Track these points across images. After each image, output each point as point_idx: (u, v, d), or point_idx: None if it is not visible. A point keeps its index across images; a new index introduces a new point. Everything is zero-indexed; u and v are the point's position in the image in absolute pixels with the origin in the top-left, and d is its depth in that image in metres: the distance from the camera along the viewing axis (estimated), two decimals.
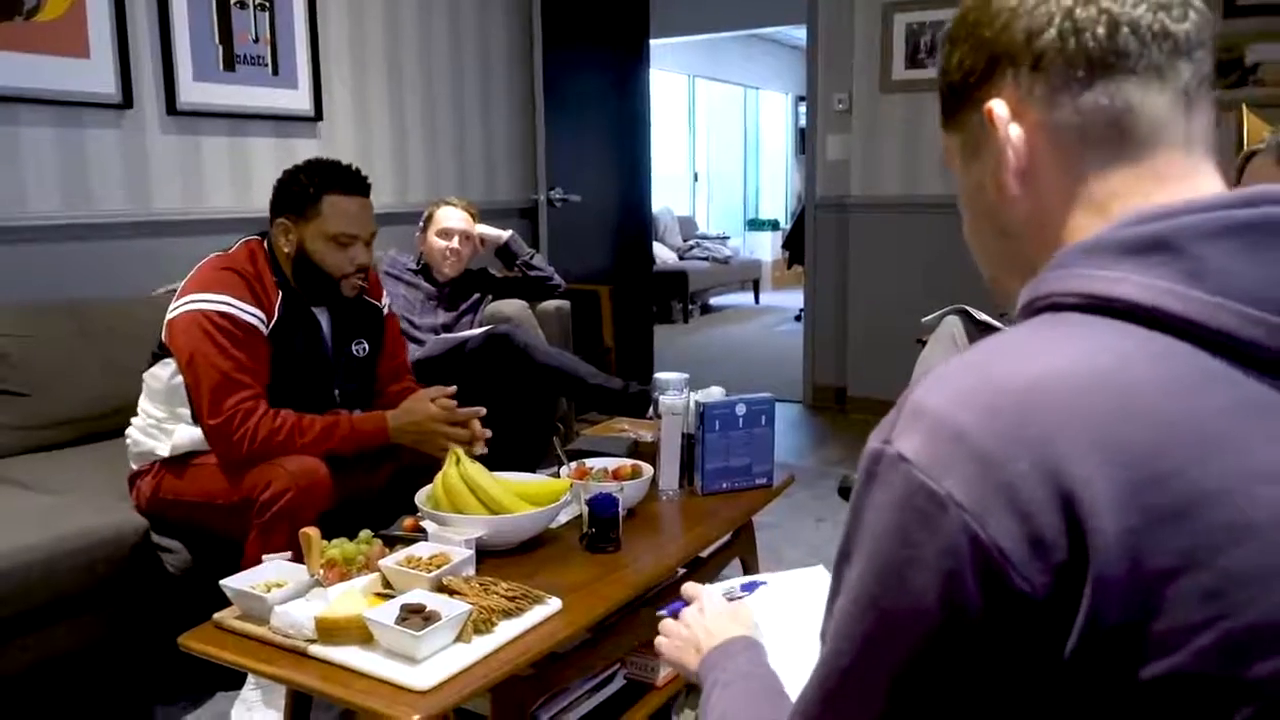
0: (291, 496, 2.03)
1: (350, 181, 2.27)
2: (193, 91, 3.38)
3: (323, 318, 2.36)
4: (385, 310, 2.54)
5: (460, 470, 1.93)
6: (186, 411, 2.20)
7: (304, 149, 3.72)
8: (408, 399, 2.31)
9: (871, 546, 0.64)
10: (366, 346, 2.44)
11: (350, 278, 2.29)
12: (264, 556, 1.83)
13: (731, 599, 1.14)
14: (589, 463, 2.27)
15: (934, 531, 0.60)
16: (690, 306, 8.93)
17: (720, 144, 11.32)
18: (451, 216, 3.52)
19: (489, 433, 2.29)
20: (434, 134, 4.39)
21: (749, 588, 1.22)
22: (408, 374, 2.60)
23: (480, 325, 3.52)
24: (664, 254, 9.18)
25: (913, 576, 0.61)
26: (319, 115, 3.83)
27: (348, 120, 4.00)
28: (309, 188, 2.24)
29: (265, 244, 2.30)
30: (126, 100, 3.20)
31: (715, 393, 2.45)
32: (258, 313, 2.19)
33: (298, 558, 1.79)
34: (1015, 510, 0.59)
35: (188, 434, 2.19)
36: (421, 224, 3.57)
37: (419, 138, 4.32)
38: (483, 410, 2.30)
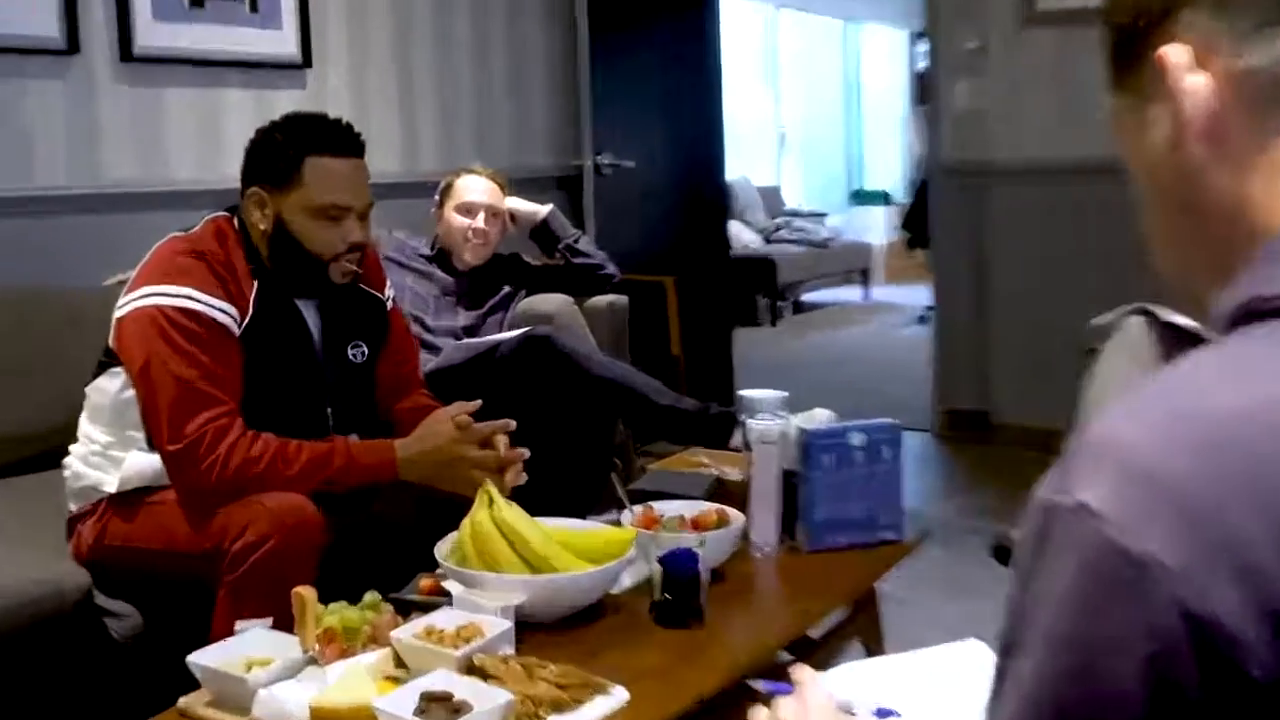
0: (274, 545, 2.03)
1: (339, 139, 2.29)
2: (152, 34, 3.43)
3: (309, 313, 2.37)
4: (389, 302, 2.55)
5: (493, 514, 1.92)
6: (139, 435, 2.21)
7: (288, 103, 3.75)
8: (422, 422, 2.30)
9: (1050, 629, 0.62)
10: (365, 350, 2.46)
11: (342, 260, 2.30)
12: (237, 624, 1.82)
13: (850, 715, 1.11)
14: (658, 507, 2.25)
15: (1135, 605, 0.59)
16: (779, 304, 8.92)
17: (813, 94, 11.31)
18: (475, 188, 3.53)
19: (525, 452, 2.28)
20: (451, 85, 4.42)
21: (884, 715, 1.19)
22: (420, 387, 2.61)
23: (512, 327, 3.52)
24: (744, 235, 9.16)
25: (1109, 666, 0.59)
26: (307, 62, 3.87)
27: (342, 68, 4.04)
28: (287, 148, 2.26)
29: (236, 221, 2.31)
30: (71, 45, 3.26)
31: (822, 417, 2.42)
32: (228, 308, 2.20)
33: (281, 624, 1.79)
34: (1241, 575, 0.57)
35: (140, 463, 2.21)
36: (437, 198, 3.59)
37: (432, 90, 4.35)
38: (511, 424, 2.30)
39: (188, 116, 3.58)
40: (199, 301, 2.16)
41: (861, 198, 11.44)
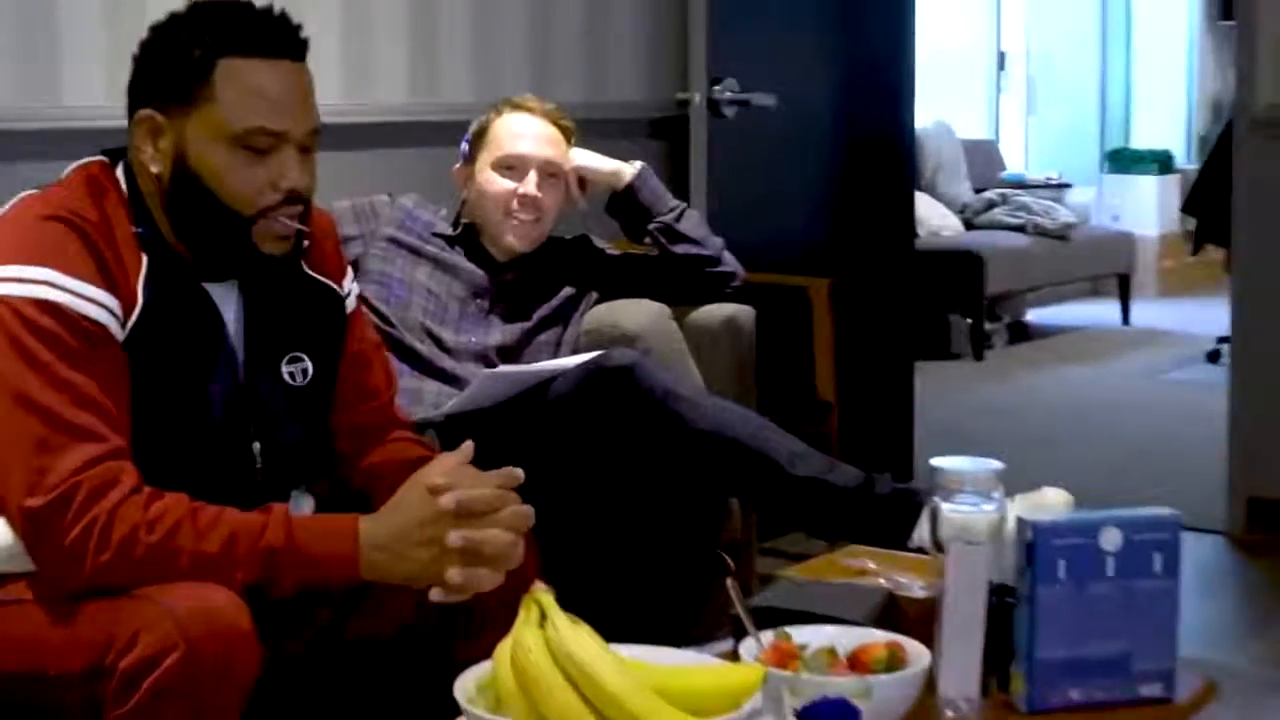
0: (178, 661, 2.05)
1: (267, 34, 2.33)
2: None
3: (226, 304, 2.42)
4: (349, 299, 2.60)
5: (548, 637, 1.95)
6: None
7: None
8: (401, 488, 2.34)
9: None
10: (310, 367, 2.50)
11: (274, 216, 2.34)
12: None
13: None
14: (796, 634, 2.26)
15: None
16: (989, 325, 8.89)
17: (1054, 3, 11.24)
18: (524, 132, 3.59)
19: (515, 473, 2.28)
20: None
21: None
22: (401, 427, 2.65)
23: (576, 350, 3.57)
24: (935, 216, 9.14)
25: None
26: None
27: None
28: (191, 47, 2.31)
29: (120, 170, 2.38)
30: None
31: (1055, 504, 2.42)
32: (105, 298, 2.24)
33: None
34: None
35: None
36: (465, 148, 3.66)
37: None
38: (518, 474, 2.29)
39: (91, 19, 3.66)
40: (64, 290, 2.20)
41: (1123, 162, 11.36)
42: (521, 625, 1.98)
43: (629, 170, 3.71)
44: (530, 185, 3.53)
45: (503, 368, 3.42)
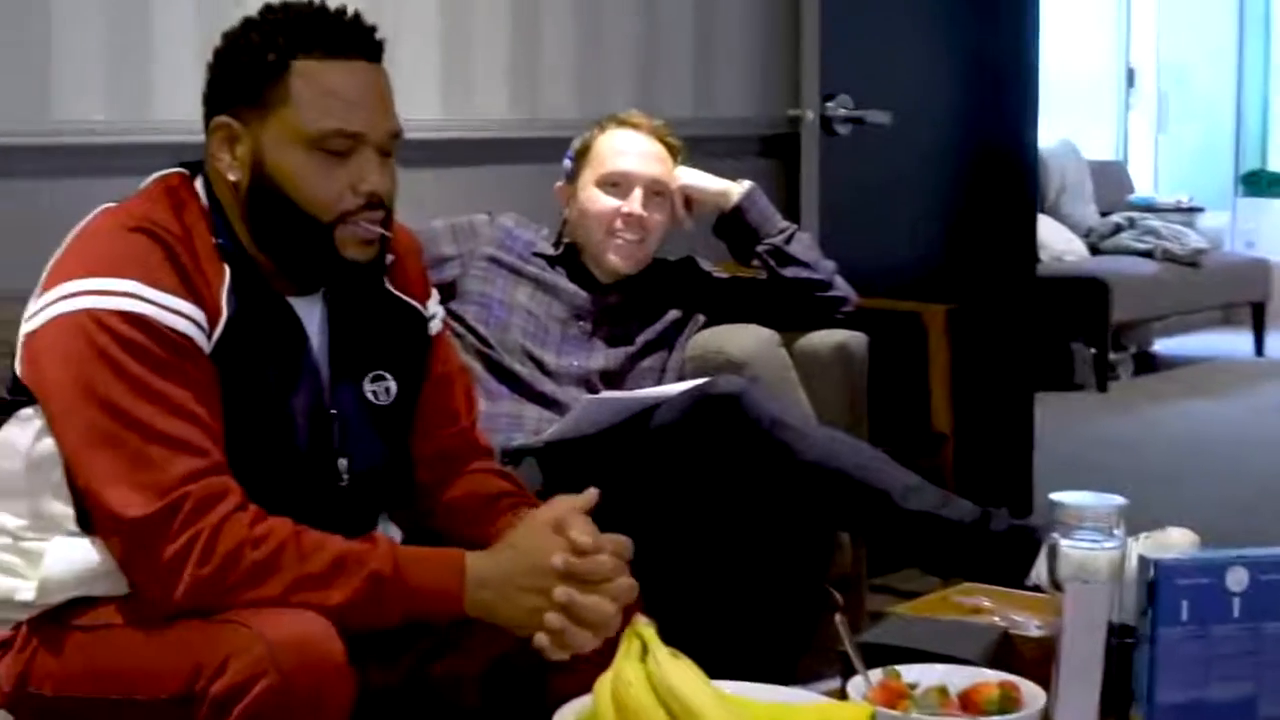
0: (268, 691, 2.07)
1: (342, 34, 2.36)
2: None
3: (310, 319, 2.45)
4: (434, 322, 2.62)
5: (650, 672, 1.96)
6: (65, 508, 2.29)
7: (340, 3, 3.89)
8: (519, 525, 2.36)
9: None
10: (393, 386, 2.52)
11: (355, 220, 2.37)
12: None
13: None
14: (906, 673, 2.27)
15: None
16: (1114, 355, 8.84)
17: (1183, 19, 11.16)
18: (630, 149, 3.62)
19: (627, 544, 2.30)
20: None
21: None
22: (485, 457, 2.67)
23: (681, 377, 3.59)
24: (1059, 240, 9.09)
25: None
26: None
27: None
28: (265, 50, 2.34)
29: (200, 182, 2.41)
30: None
31: (1180, 542, 2.41)
32: (191, 310, 2.27)
33: None
34: None
35: (70, 557, 2.28)
36: (568, 164, 3.69)
37: None
38: (627, 545, 2.30)
39: (187, 25, 3.72)
40: (149, 302, 2.23)
41: (1259, 184, 11.25)
42: (622, 658, 2.00)
43: (737, 190, 3.72)
44: (635, 203, 3.55)
45: (605, 393, 3.44)
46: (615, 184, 3.57)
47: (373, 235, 2.38)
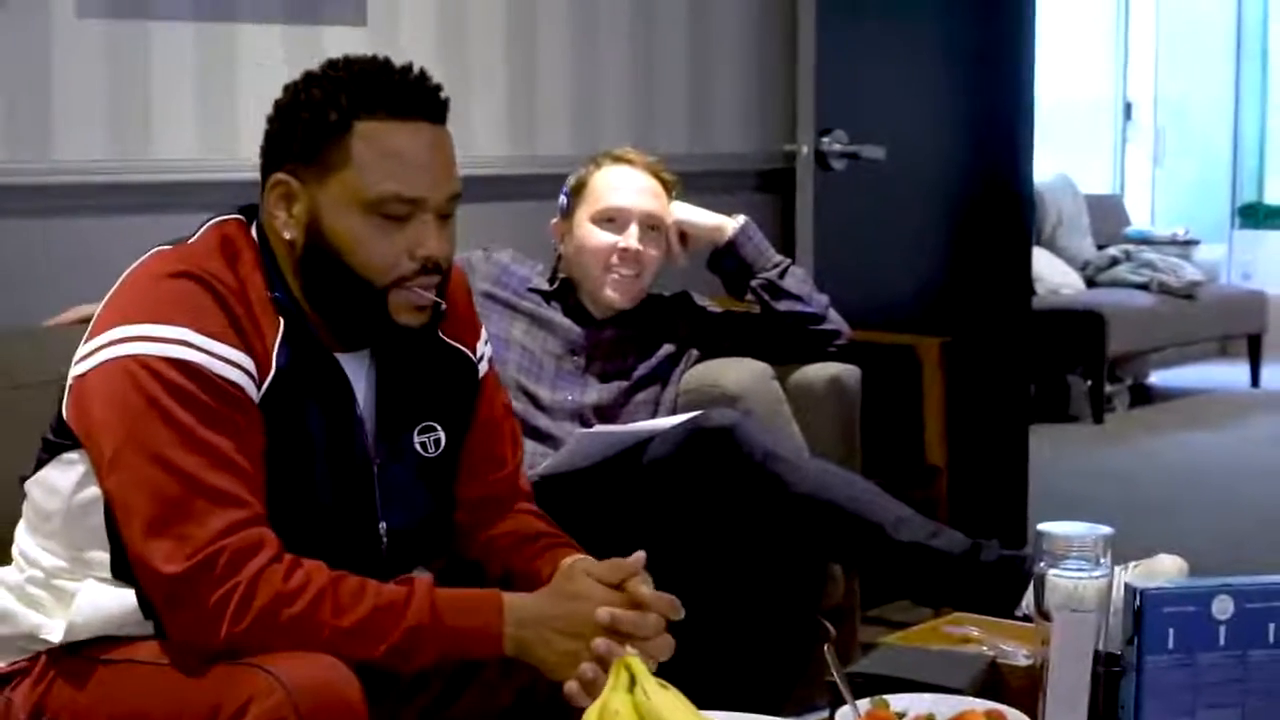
0: None
1: (407, 95, 2.35)
2: None
3: (357, 375, 2.44)
4: (482, 364, 2.62)
5: (638, 703, 1.96)
6: (103, 555, 2.30)
7: (338, 48, 3.89)
8: (564, 570, 2.36)
9: None
10: (443, 438, 2.52)
11: (410, 285, 2.35)
12: None
13: None
14: (895, 702, 2.28)
15: None
16: (1111, 387, 8.85)
17: (1180, 52, 11.18)
18: (625, 185, 3.63)
19: (677, 605, 2.32)
20: (589, 19, 4.55)
21: None
22: (525, 500, 2.67)
23: (674, 410, 3.60)
24: (1055, 273, 9.10)
25: None
26: None
27: (428, 2, 4.19)
28: (327, 109, 2.32)
29: (254, 230, 2.41)
30: None
31: (1168, 570, 2.42)
32: (242, 359, 2.27)
33: None
34: None
35: (99, 601, 2.29)
36: (563, 201, 3.70)
37: (559, 34, 4.48)
38: (676, 606, 2.33)
39: (186, 68, 3.75)
40: (200, 350, 2.22)
41: (1256, 217, 11.26)
42: (611, 689, 1.99)
43: (731, 225, 3.73)
44: (631, 238, 3.55)
45: (599, 427, 3.44)
46: (611, 219, 3.58)
47: (426, 302, 2.36)
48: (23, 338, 3.14)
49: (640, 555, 2.33)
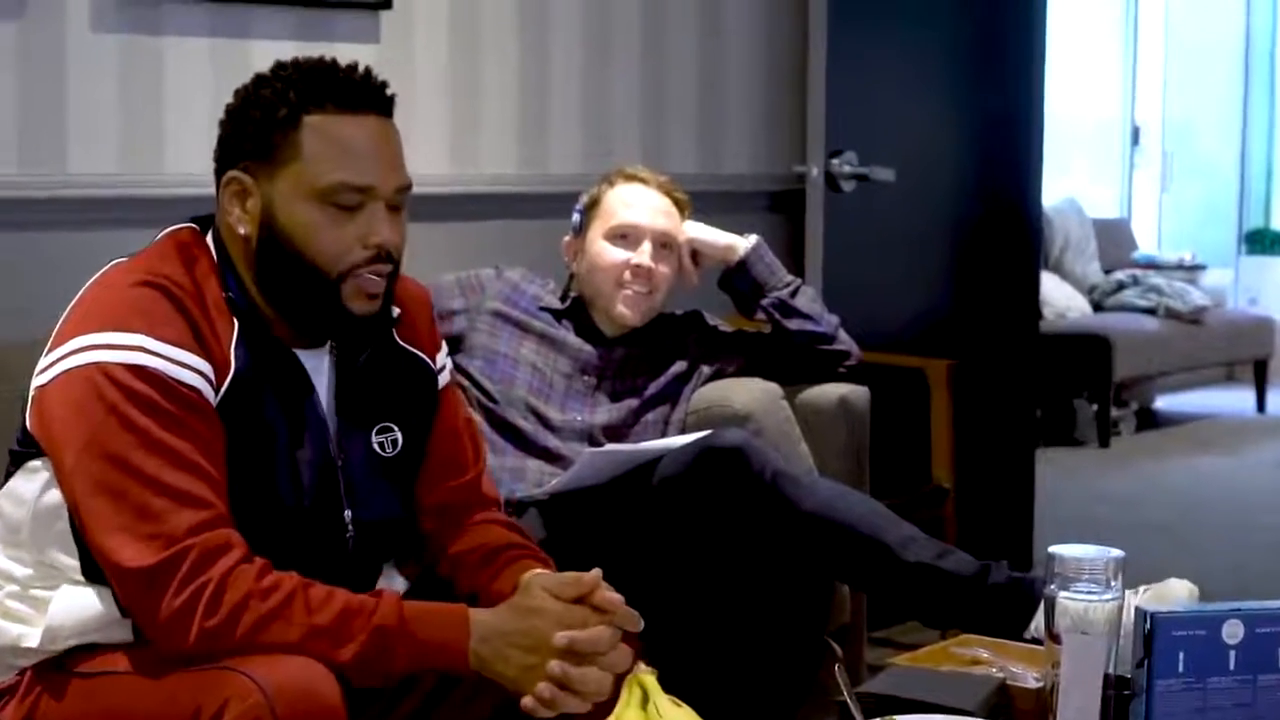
0: None
1: (353, 89, 2.38)
2: None
3: (318, 373, 2.46)
4: (442, 375, 2.63)
5: (649, 718, 1.97)
6: (71, 560, 2.30)
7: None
8: (524, 587, 2.36)
9: None
10: (399, 438, 2.53)
11: (360, 273, 2.37)
12: None
13: None
14: None
15: None
16: (1117, 411, 8.85)
17: (1189, 75, 11.18)
18: (638, 204, 3.64)
19: (637, 617, 2.32)
20: (602, 41, 4.56)
21: None
22: (492, 508, 2.67)
23: (684, 430, 3.60)
24: (1062, 296, 9.11)
25: None
26: (386, 1, 4.03)
27: (441, 15, 4.20)
28: (277, 105, 2.36)
29: (210, 237, 2.43)
30: None
31: (1179, 595, 2.42)
32: (199, 364, 2.28)
33: None
34: None
35: (75, 605, 2.30)
36: (576, 219, 3.71)
37: (571, 53, 4.49)
38: (635, 618, 2.32)
39: (204, 79, 3.75)
40: (157, 355, 2.24)
41: (1262, 243, 11.25)
42: (624, 706, 2.00)
43: (743, 244, 3.74)
44: (644, 256, 3.56)
45: (608, 446, 3.44)
46: (624, 236, 3.58)
47: (376, 289, 2.38)
48: (33, 350, 3.15)
49: (597, 572, 2.33)
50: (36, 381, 2.30)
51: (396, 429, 2.52)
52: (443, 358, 2.64)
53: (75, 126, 3.60)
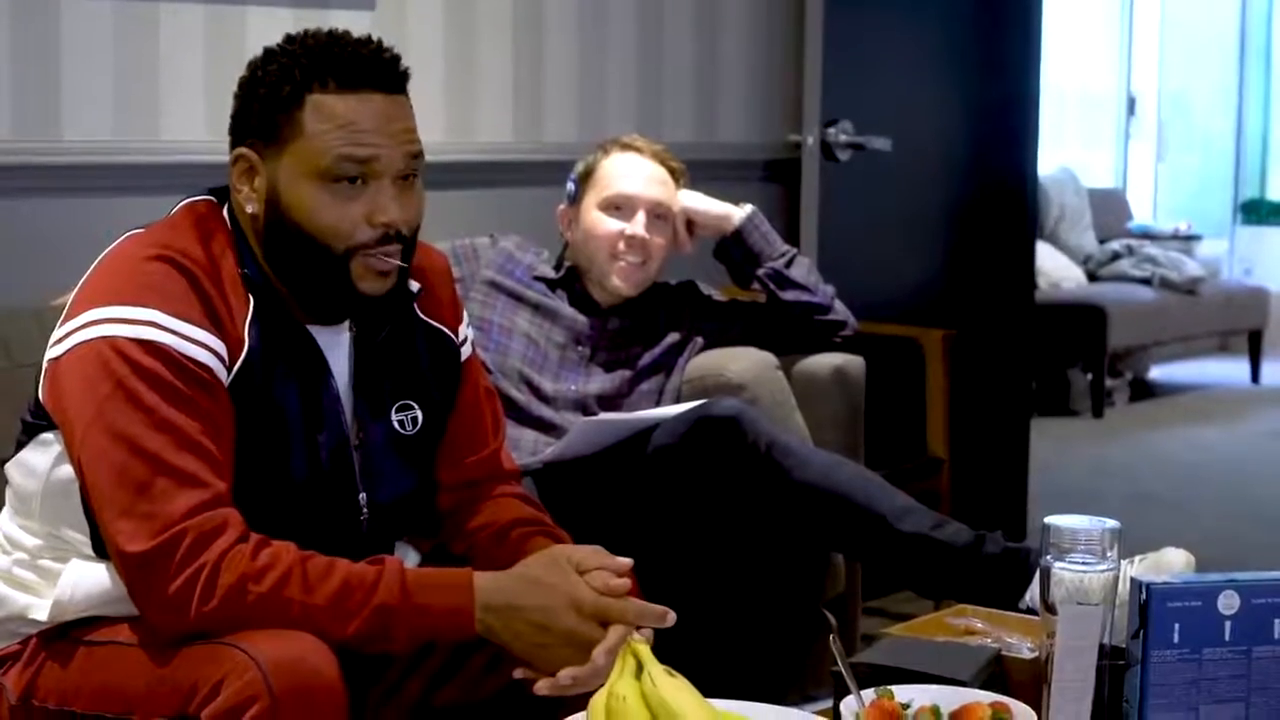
0: (261, 714, 2.08)
1: (358, 66, 2.34)
2: None
3: (334, 351, 2.44)
4: (465, 347, 2.61)
5: (644, 689, 1.97)
6: (79, 535, 2.31)
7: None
8: (533, 555, 2.36)
9: None
10: (419, 415, 2.51)
11: (370, 253, 2.34)
12: None
13: None
14: (900, 693, 2.27)
15: None
16: (1111, 381, 8.86)
17: (1183, 46, 11.18)
18: (633, 173, 3.63)
19: (669, 614, 2.32)
20: (596, 14, 4.55)
21: None
22: (511, 481, 2.66)
23: (678, 399, 3.60)
24: (1057, 267, 9.11)
25: None
26: None
27: None
28: (282, 84, 2.33)
29: (227, 210, 2.41)
30: None
31: (1174, 564, 2.42)
32: (212, 341, 2.27)
33: None
34: None
35: (85, 577, 2.30)
36: (570, 188, 3.70)
37: (566, 21, 4.48)
38: (627, 566, 2.34)
39: (195, 47, 3.74)
40: (169, 331, 2.22)
41: (1258, 213, 11.26)
42: (617, 675, 1.99)
43: (738, 214, 3.73)
44: (638, 225, 3.55)
45: (602, 415, 3.45)
46: (619, 206, 3.57)
47: (388, 267, 2.34)
48: (27, 317, 3.15)
49: (628, 561, 2.33)
50: (50, 353, 2.29)
51: (417, 406, 2.50)
52: (465, 329, 2.60)
53: (69, 93, 3.58)
